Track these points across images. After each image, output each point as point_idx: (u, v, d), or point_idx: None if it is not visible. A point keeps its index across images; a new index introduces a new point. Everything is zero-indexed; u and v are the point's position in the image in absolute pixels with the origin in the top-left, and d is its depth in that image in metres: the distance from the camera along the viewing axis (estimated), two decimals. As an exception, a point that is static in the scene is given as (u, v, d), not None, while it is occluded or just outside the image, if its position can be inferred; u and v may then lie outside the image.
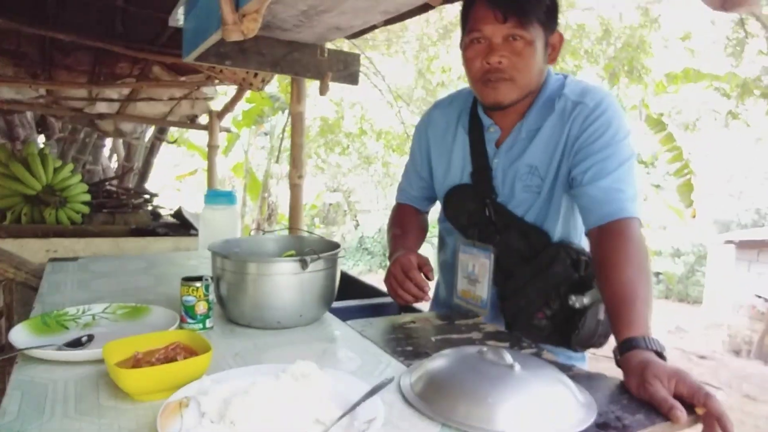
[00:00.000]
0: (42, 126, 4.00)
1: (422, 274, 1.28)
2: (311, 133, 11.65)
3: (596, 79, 9.34)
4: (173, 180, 13.16)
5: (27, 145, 2.61)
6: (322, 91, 2.10)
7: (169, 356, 0.89)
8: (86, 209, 2.39)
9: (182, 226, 2.63)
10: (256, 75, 2.32)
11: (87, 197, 2.40)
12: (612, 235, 1.09)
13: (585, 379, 0.99)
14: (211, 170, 3.51)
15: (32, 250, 2.18)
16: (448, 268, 1.43)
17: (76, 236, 2.22)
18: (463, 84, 1.33)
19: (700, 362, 6.81)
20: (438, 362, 0.94)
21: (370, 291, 1.64)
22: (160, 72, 2.84)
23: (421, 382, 0.90)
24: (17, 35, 2.65)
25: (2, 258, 1.80)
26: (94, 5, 2.52)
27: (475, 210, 1.31)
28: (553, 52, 1.21)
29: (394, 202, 1.57)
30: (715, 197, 13.04)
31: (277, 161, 9.15)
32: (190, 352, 0.91)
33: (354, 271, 11.38)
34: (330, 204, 15.02)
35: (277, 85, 8.76)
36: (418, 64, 11.05)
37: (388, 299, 1.55)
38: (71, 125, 3.71)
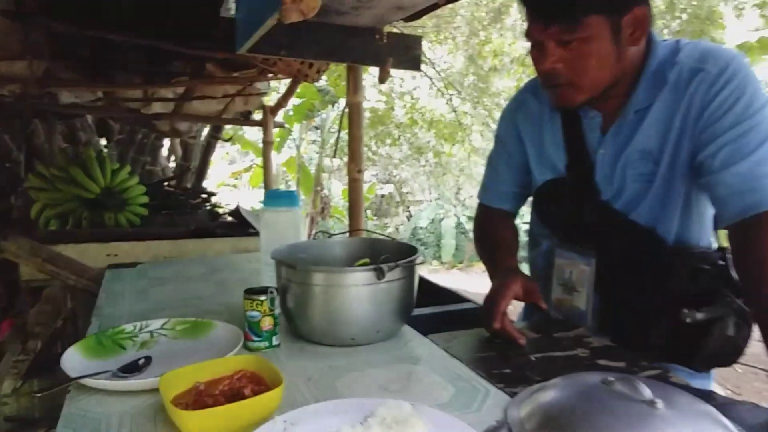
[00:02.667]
0: (102, 129, 4.06)
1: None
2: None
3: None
4: (229, 177, 13.43)
5: (86, 148, 2.60)
6: (383, 78, 1.94)
7: (234, 387, 0.77)
8: (145, 211, 2.34)
9: (241, 225, 2.55)
10: (311, 66, 2.19)
11: (145, 199, 2.35)
12: (759, 233, 0.89)
13: (733, 411, 0.80)
14: (266, 166, 3.44)
15: (93, 255, 2.15)
16: (540, 270, 1.25)
17: (135, 239, 2.17)
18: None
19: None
20: (552, 394, 0.77)
21: (446, 295, 1.48)
22: (214, 69, 2.77)
23: (535, 420, 0.73)
24: (73, 39, 2.64)
25: (62, 265, 1.75)
26: (147, 3, 2.47)
27: (574, 209, 1.13)
28: (636, 31, 0.98)
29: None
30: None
31: (335, 156, 9.10)
32: (258, 382, 0.79)
33: (409, 264, 11.22)
34: (382, 196, 14.94)
35: (325, 78, 8.69)
36: (469, 50, 10.72)
37: (468, 304, 1.39)
38: (129, 127, 3.73)
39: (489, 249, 1.28)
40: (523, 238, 1.31)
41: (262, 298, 1.00)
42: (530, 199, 1.31)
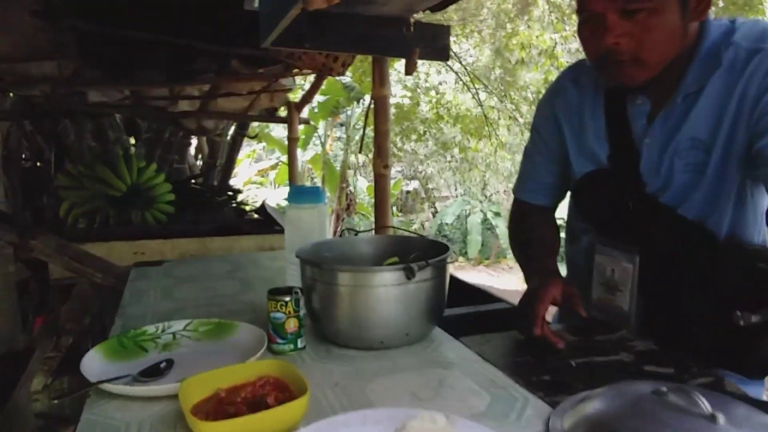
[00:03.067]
0: (131, 128, 4.10)
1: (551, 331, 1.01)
2: (387, 121, 11.51)
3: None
4: (255, 175, 13.54)
5: (113, 146, 2.61)
6: (409, 69, 1.89)
7: (257, 395, 0.73)
8: (171, 209, 2.34)
9: (266, 222, 2.53)
10: (336, 59, 2.15)
11: (172, 197, 2.35)
12: None
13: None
14: (291, 163, 3.42)
15: (120, 252, 2.15)
16: (581, 269, 1.18)
17: (162, 237, 2.16)
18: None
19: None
20: (598, 406, 0.71)
21: (478, 294, 1.42)
22: (239, 65, 2.76)
23: (581, 433, 0.68)
24: (100, 39, 2.65)
25: (88, 263, 1.75)
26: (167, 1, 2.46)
27: (616, 204, 1.06)
28: (701, 3, 0.91)
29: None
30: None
31: (360, 151, 9.07)
32: (283, 389, 0.74)
33: (435, 260, 11.16)
34: (407, 192, 14.88)
35: (350, 74, 8.66)
36: (496, 43, 10.54)
37: (501, 304, 1.32)
38: (156, 125, 3.76)
39: (526, 248, 1.22)
40: (562, 234, 1.25)
41: (287, 298, 0.96)
42: (569, 192, 1.24)
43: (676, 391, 0.68)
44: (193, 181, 2.97)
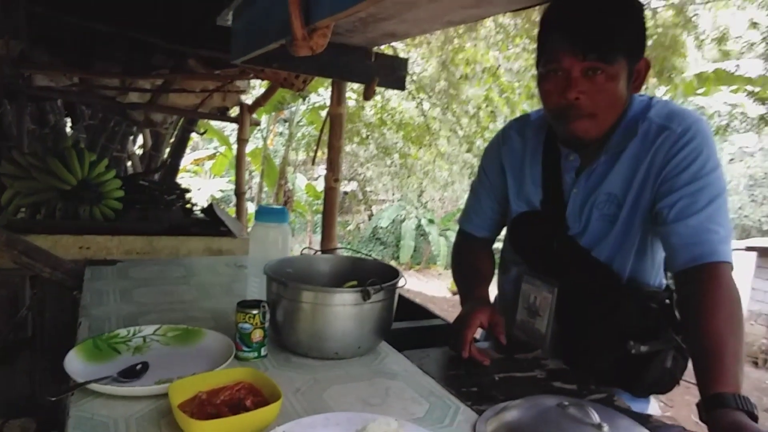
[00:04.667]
0: (70, 112, 3.98)
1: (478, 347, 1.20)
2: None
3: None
4: (191, 164, 13.18)
5: (61, 137, 2.57)
6: (368, 95, 2.03)
7: (234, 398, 0.85)
8: (120, 205, 2.35)
9: (214, 223, 2.59)
10: (297, 76, 2.25)
11: (121, 193, 2.36)
12: (701, 281, 1.02)
13: (666, 434, 0.94)
14: (239, 164, 3.47)
15: (66, 246, 2.15)
16: (509, 294, 1.37)
17: (109, 234, 2.18)
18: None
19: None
20: (515, 414, 0.88)
21: (418, 311, 1.59)
22: (196, 65, 2.79)
23: (500, 438, 0.85)
24: (56, 24, 2.61)
25: (39, 258, 1.76)
26: (134, -5, 2.47)
27: (543, 242, 1.24)
28: (638, 79, 1.11)
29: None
30: (737, 201, 12.80)
31: (313, 163, 9.04)
32: (256, 394, 0.87)
33: (368, 263, 11.32)
34: (345, 193, 14.98)
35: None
36: (443, 56, 10.87)
37: (438, 321, 1.50)
38: (102, 113, 3.68)
39: (464, 276, 1.39)
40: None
41: (255, 312, 1.07)
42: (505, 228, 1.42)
43: (574, 405, 0.86)
44: (141, 178, 2.96)
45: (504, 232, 1.43)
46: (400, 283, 1.16)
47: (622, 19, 1.04)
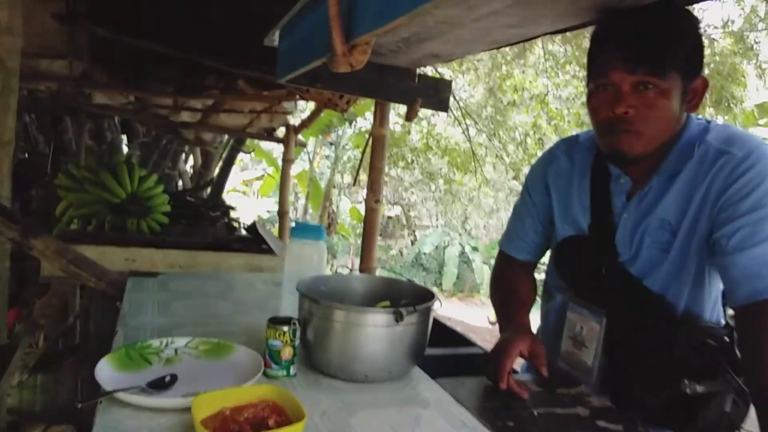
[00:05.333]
0: (126, 129, 4.16)
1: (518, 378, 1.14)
2: (377, 146, 11.67)
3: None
4: (240, 184, 13.54)
5: (115, 153, 2.68)
6: (410, 117, 2.03)
7: (258, 417, 0.82)
8: (166, 220, 2.41)
9: (256, 241, 2.61)
10: (341, 97, 2.27)
11: (168, 208, 2.43)
12: (764, 318, 0.93)
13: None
14: (284, 184, 3.51)
15: (112, 257, 2.20)
16: (552, 323, 1.29)
17: (154, 247, 2.23)
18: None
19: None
20: (554, 454, 0.82)
21: (455, 337, 1.53)
22: (245, 86, 2.86)
23: (537, 478, 0.78)
24: (113, 45, 2.74)
25: (85, 268, 1.81)
26: (188, 18, 2.57)
27: (591, 268, 1.17)
28: (694, 98, 1.04)
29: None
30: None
31: (354, 184, 9.14)
32: (280, 413, 0.84)
33: (409, 287, 11.24)
34: (389, 217, 15.03)
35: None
36: (490, 82, 10.86)
37: (476, 349, 1.44)
38: (155, 131, 3.83)
39: (503, 301, 1.33)
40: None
41: (285, 328, 1.05)
42: (549, 253, 1.35)
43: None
44: (188, 194, 3.04)
45: (547, 256, 1.37)
46: (435, 305, 1.12)
47: (675, 33, 0.99)
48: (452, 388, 1.11)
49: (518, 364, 1.30)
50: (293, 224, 1.68)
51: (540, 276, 1.43)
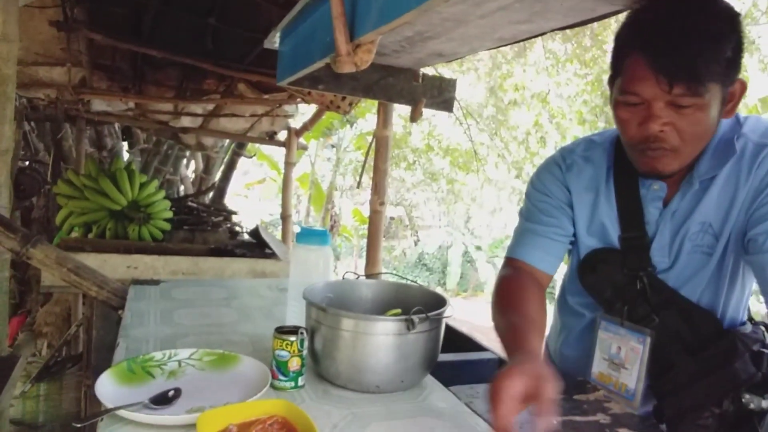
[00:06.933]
0: (127, 135, 4.14)
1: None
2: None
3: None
4: (242, 188, 13.52)
5: (115, 159, 2.65)
6: (414, 117, 1.99)
7: (266, 433, 0.79)
8: (168, 226, 2.38)
9: (259, 245, 2.58)
10: (343, 98, 2.24)
11: (169, 214, 2.39)
12: None
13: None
14: (286, 186, 3.48)
15: (114, 265, 2.18)
16: (578, 341, 1.21)
17: (156, 254, 2.20)
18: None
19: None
20: (577, 467, 0.78)
21: (468, 342, 1.49)
22: (245, 89, 2.83)
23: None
24: (112, 51, 2.72)
25: (87, 276, 1.78)
26: (187, 23, 2.54)
27: (625, 283, 1.09)
28: (731, 102, 0.93)
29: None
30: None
31: (358, 187, 9.11)
32: (290, 429, 0.80)
33: (413, 289, 11.21)
34: (391, 218, 14.98)
35: (348, 99, 8.77)
36: (491, 82, 10.83)
37: (489, 354, 1.40)
38: (155, 137, 3.80)
39: (509, 319, 1.03)
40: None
41: (292, 338, 1.01)
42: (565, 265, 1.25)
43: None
44: (189, 200, 3.01)
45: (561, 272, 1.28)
46: (447, 312, 1.08)
47: (716, 38, 0.87)
48: (467, 396, 1.08)
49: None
50: (297, 228, 1.64)
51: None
